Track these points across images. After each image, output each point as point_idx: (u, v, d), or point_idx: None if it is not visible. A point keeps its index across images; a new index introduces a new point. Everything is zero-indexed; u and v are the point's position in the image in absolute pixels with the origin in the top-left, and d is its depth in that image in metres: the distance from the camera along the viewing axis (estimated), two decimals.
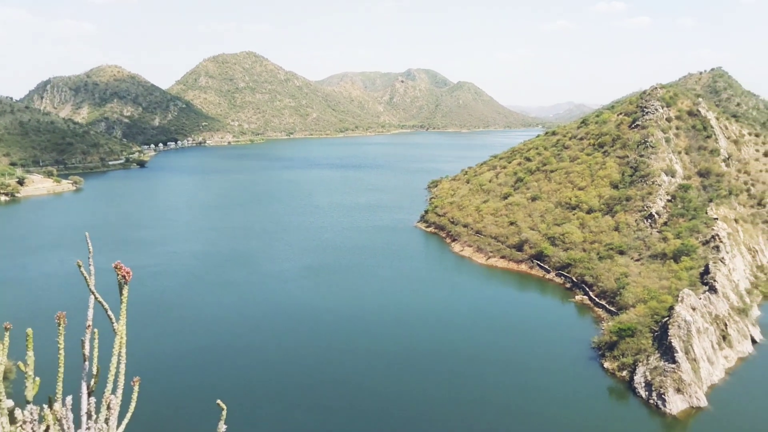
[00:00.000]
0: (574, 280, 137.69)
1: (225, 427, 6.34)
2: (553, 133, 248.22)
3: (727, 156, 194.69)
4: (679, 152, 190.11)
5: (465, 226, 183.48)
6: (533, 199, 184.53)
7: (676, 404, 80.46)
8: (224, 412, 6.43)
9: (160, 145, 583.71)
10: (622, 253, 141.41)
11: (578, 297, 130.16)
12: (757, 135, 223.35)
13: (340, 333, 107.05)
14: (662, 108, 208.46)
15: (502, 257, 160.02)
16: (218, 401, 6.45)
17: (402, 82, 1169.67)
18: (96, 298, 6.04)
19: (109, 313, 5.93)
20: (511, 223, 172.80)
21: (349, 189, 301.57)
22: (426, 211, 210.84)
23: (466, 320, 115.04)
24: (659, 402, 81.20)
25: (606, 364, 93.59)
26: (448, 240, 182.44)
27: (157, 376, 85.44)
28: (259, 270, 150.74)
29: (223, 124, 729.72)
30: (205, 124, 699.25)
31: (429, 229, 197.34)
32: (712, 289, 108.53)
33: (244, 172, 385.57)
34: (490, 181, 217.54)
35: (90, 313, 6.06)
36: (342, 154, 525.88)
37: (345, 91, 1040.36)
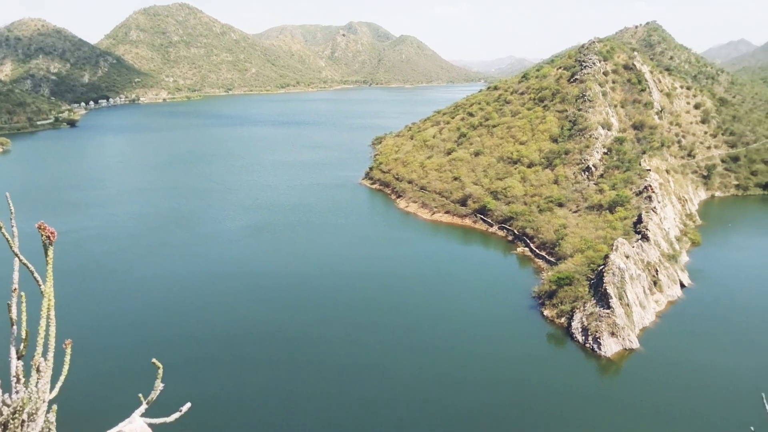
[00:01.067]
0: (516, 232, 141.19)
1: (162, 385, 6.41)
2: (495, 88, 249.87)
3: (660, 109, 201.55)
4: (615, 106, 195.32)
5: (410, 182, 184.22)
6: (476, 154, 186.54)
7: (610, 347, 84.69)
8: (160, 371, 6.48)
9: (91, 103, 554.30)
10: (561, 205, 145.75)
11: (520, 249, 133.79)
12: (688, 88, 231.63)
13: (285, 291, 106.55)
14: (599, 62, 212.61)
15: (447, 212, 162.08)
16: (153, 360, 6.46)
17: (343, 35, 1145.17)
18: (20, 260, 5.87)
19: (36, 275, 5.84)
20: (455, 179, 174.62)
21: (292, 146, 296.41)
22: (370, 168, 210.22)
23: (412, 275, 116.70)
24: (595, 346, 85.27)
25: (546, 312, 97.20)
26: (393, 196, 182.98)
27: (97, 340, 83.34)
28: (201, 231, 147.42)
29: (158, 80, 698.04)
30: (138, 80, 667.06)
31: (374, 186, 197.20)
32: (645, 238, 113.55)
33: (182, 130, 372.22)
34: (433, 137, 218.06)
35: (15, 276, 5.86)
36: (283, 110, 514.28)
37: (285, 45, 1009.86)
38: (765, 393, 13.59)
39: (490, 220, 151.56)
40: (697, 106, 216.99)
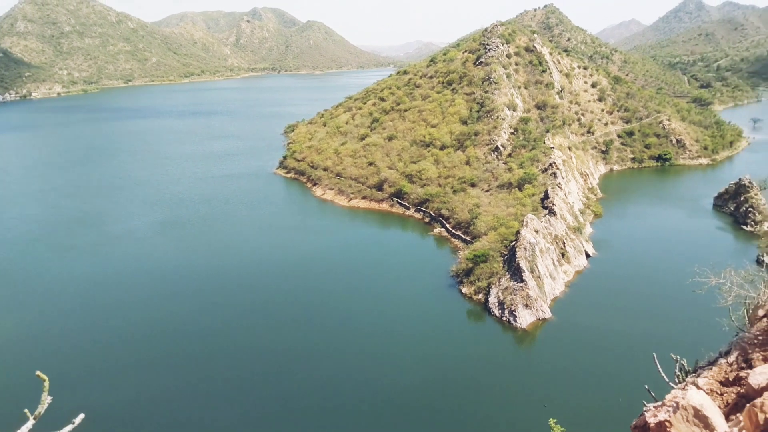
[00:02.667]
0: (432, 214, 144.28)
1: (50, 398, 6.18)
2: (405, 73, 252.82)
3: (560, 89, 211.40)
4: (519, 87, 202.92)
5: (325, 169, 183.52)
6: (390, 138, 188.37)
7: (525, 318, 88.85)
8: (46, 383, 6.22)
9: None
10: (473, 185, 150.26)
11: (437, 230, 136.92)
12: (585, 68, 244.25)
13: (200, 288, 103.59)
14: (503, 45, 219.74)
15: (364, 198, 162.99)
16: (38, 373, 6.23)
17: (248, 21, 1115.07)
18: None
19: None
20: (370, 164, 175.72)
21: (201, 137, 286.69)
22: (284, 157, 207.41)
23: (333, 261, 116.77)
24: (511, 318, 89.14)
25: (464, 290, 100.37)
26: (309, 184, 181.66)
27: None
28: (108, 230, 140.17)
29: (50, 74, 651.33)
30: (29, 74, 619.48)
31: (289, 175, 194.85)
32: (552, 212, 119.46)
33: (81, 125, 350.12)
34: (346, 123, 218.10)
35: None
36: (189, 100, 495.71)
37: (186, 32, 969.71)
38: (656, 353, 14.86)
39: (406, 204, 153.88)
40: (594, 85, 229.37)
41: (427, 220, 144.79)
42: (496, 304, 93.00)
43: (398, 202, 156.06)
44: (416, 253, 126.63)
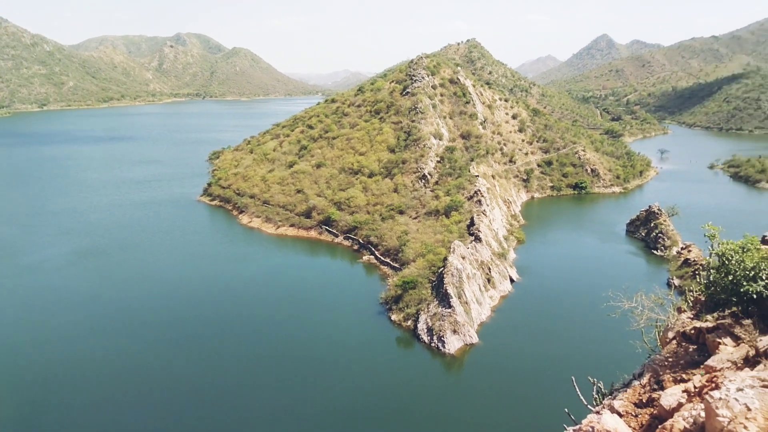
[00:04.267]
0: (361, 241, 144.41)
1: None
2: (333, 101, 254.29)
3: (483, 119, 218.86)
4: (445, 117, 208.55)
5: (252, 197, 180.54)
6: (318, 166, 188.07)
7: (453, 344, 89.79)
8: None
9: None
10: (401, 212, 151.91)
11: (366, 257, 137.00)
12: (506, 100, 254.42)
13: (118, 320, 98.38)
14: (428, 76, 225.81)
15: (292, 225, 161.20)
16: None
17: (171, 47, 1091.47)
18: None
19: None
20: (298, 191, 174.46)
21: (121, 163, 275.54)
22: (209, 184, 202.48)
23: (261, 290, 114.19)
24: (440, 344, 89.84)
25: (393, 317, 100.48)
26: (234, 212, 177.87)
27: None
28: (20, 261, 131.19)
29: None
30: None
31: (214, 203, 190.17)
32: (478, 239, 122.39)
33: None
34: (274, 150, 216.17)
35: None
36: (109, 125, 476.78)
37: (106, 56, 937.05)
38: (575, 376, 15.32)
39: (335, 231, 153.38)
40: (514, 117, 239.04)
41: (356, 247, 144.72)
42: (425, 330, 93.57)
43: (327, 230, 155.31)
44: (345, 281, 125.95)
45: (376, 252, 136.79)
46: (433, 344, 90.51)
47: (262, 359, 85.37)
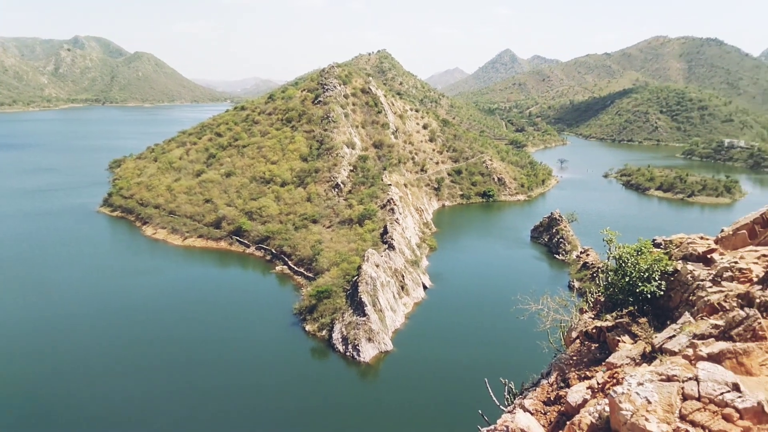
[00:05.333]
0: (274, 251, 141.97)
1: None
2: (243, 108, 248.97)
3: (395, 129, 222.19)
4: (357, 126, 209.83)
5: (156, 207, 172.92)
6: (228, 174, 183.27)
7: (368, 352, 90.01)
8: None
9: None
10: (315, 221, 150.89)
11: (278, 267, 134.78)
12: (417, 110, 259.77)
13: (8, 342, 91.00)
14: (340, 85, 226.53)
15: (200, 236, 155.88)
16: None
17: (69, 50, 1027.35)
18: None
19: None
20: (207, 201, 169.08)
21: (12, 171, 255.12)
22: (110, 194, 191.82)
23: (167, 305, 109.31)
24: (355, 353, 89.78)
25: (307, 327, 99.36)
26: (138, 223, 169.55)
27: None
28: None
29: None
30: None
31: (115, 213, 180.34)
32: (391, 247, 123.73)
33: None
34: (180, 159, 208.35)
35: None
36: None
37: None
38: (488, 378, 15.76)
39: (246, 242, 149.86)
40: (425, 127, 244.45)
41: (268, 257, 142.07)
42: (340, 339, 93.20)
43: (238, 240, 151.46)
44: (258, 293, 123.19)
45: (289, 262, 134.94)
46: (348, 353, 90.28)
47: (168, 379, 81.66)
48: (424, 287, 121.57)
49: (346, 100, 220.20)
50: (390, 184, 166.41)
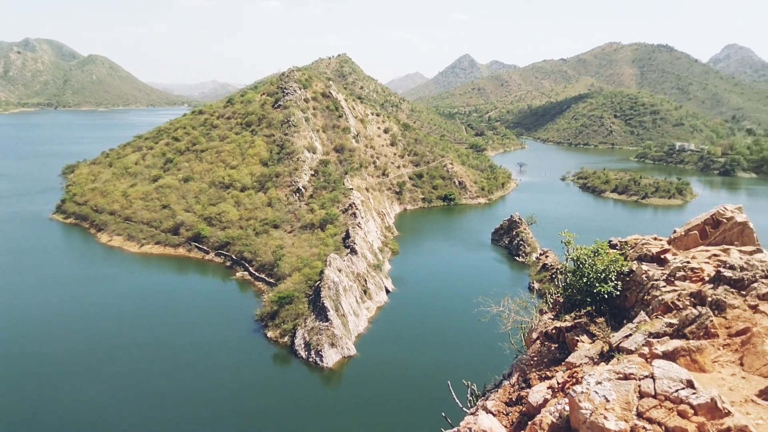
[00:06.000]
0: (234, 257, 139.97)
1: None
2: (201, 112, 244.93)
3: (356, 133, 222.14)
4: (318, 130, 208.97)
5: (112, 213, 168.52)
6: (186, 180, 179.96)
7: (331, 357, 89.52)
8: None
9: None
10: (276, 227, 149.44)
11: (239, 274, 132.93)
12: (378, 115, 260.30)
13: None
14: (300, 89, 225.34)
15: (158, 243, 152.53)
16: None
17: (19, 53, 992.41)
18: None
19: None
20: (164, 207, 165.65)
21: None
22: (63, 200, 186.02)
23: (124, 313, 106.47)
24: (317, 359, 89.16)
25: (269, 334, 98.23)
26: (93, 231, 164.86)
27: None
28: None
29: None
30: None
31: (68, 221, 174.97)
32: (353, 251, 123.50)
33: None
34: (136, 164, 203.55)
35: None
36: None
37: None
38: (451, 381, 15.83)
39: (205, 248, 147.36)
40: (386, 131, 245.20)
41: (228, 263, 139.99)
42: (303, 345, 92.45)
43: (197, 247, 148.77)
44: (218, 299, 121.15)
45: (250, 268, 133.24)
46: (310, 359, 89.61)
47: (127, 388, 79.53)
48: (387, 291, 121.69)
49: (307, 104, 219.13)
50: (352, 189, 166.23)
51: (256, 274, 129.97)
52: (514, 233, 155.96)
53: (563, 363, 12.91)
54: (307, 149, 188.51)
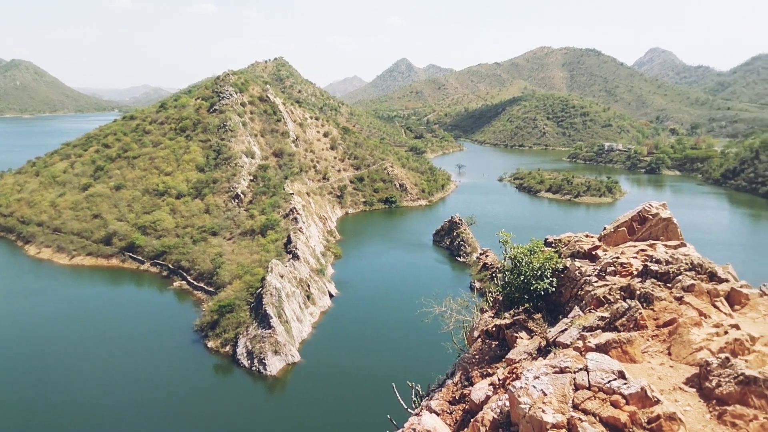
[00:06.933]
0: (171, 267, 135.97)
1: None
2: (132, 118, 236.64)
3: (295, 137, 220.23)
4: (256, 135, 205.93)
5: (40, 224, 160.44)
6: (118, 188, 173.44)
7: (275, 365, 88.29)
8: None
9: None
10: (215, 234, 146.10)
11: (176, 283, 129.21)
12: (317, 119, 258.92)
13: None
14: (236, 93, 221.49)
15: (89, 254, 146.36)
16: None
17: None
18: None
19: None
20: (96, 216, 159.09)
21: None
22: None
23: (55, 328, 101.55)
24: (261, 367, 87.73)
25: (210, 344, 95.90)
26: (19, 243, 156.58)
27: None
28: None
29: None
30: None
31: None
32: (296, 257, 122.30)
33: None
34: (64, 172, 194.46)
35: None
36: None
37: None
38: (395, 383, 15.93)
39: (140, 258, 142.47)
40: (326, 135, 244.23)
41: (165, 273, 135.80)
42: (245, 354, 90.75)
43: (131, 257, 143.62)
44: (155, 311, 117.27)
45: (188, 277, 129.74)
46: (254, 368, 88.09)
47: (61, 406, 75.77)
48: (331, 295, 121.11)
49: (244, 109, 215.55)
50: (292, 193, 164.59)
51: (195, 283, 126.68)
52: (454, 234, 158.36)
53: (504, 360, 13.22)
54: (245, 154, 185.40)
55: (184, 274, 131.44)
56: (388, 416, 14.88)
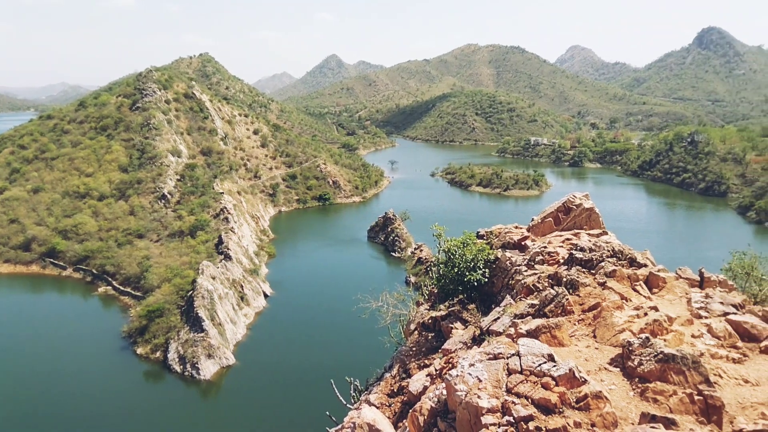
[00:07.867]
0: (95, 272, 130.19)
1: None
2: (49, 117, 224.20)
3: (224, 135, 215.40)
4: (182, 133, 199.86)
5: None
6: (35, 191, 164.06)
7: (209, 369, 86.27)
8: None
9: None
10: (141, 236, 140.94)
11: (102, 289, 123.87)
12: (246, 116, 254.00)
13: None
14: (160, 90, 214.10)
15: (6, 261, 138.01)
16: None
17: None
18: None
19: None
20: (12, 221, 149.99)
21: None
22: None
23: None
24: (194, 371, 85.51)
25: (139, 350, 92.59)
26: None
27: None
28: None
29: None
30: None
31: None
32: (227, 257, 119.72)
33: None
34: None
35: None
36: None
37: None
38: (334, 379, 15.97)
39: (62, 263, 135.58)
40: (256, 132, 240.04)
41: (89, 279, 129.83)
42: (177, 359, 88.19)
43: (52, 263, 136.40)
44: (79, 318, 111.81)
45: (113, 282, 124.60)
46: (186, 373, 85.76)
47: None
48: (265, 296, 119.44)
49: (168, 106, 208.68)
50: (222, 193, 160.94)
51: (121, 288, 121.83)
52: (389, 230, 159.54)
53: (440, 350, 13.51)
54: (171, 153, 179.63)
55: (110, 279, 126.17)
56: (327, 413, 14.92)
